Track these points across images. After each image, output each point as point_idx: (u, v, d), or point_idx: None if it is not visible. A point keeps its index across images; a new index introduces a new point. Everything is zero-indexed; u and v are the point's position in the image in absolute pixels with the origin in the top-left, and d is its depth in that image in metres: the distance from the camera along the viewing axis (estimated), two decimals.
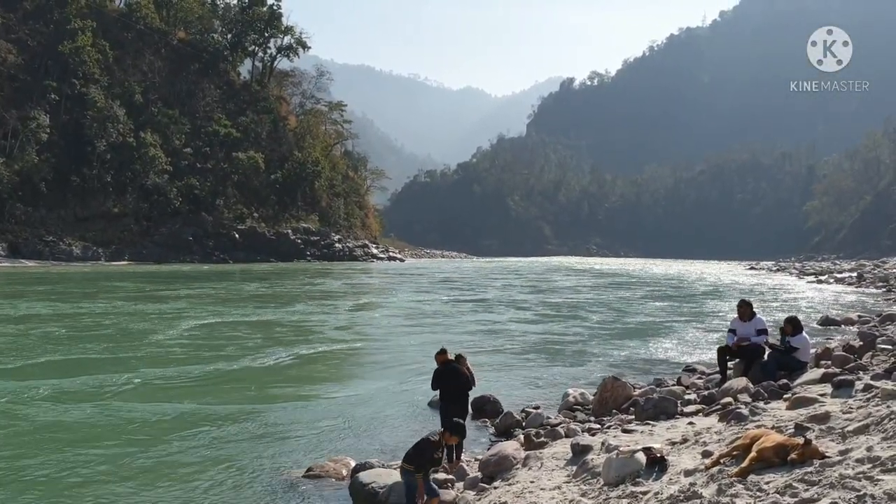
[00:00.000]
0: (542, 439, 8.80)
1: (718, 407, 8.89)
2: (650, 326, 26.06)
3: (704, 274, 76.52)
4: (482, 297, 39.27)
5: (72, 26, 79.80)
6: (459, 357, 9.25)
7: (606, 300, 38.54)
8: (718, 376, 11.69)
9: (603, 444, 7.25)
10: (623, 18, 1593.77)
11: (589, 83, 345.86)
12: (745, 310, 11.86)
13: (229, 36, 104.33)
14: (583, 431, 9.07)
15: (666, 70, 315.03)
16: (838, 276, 63.91)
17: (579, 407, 11.62)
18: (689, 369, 15.52)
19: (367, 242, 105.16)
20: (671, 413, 9.10)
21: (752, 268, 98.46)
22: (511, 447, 8.54)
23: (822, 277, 63.89)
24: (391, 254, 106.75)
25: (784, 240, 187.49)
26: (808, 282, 59.80)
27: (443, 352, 9.10)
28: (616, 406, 10.67)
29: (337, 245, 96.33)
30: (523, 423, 10.79)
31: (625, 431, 8.25)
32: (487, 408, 11.95)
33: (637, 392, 11.31)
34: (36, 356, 16.66)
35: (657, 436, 7.67)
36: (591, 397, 11.71)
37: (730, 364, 11.64)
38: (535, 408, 11.81)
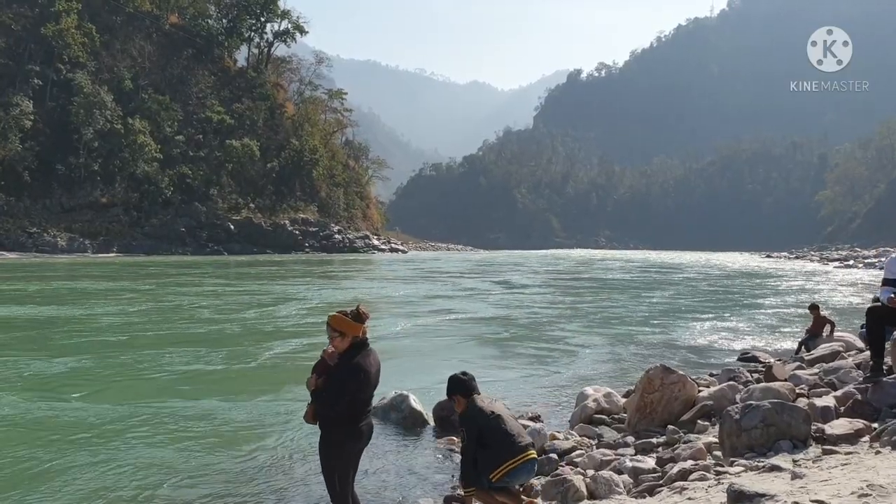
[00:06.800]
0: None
1: None
2: (679, 311, 22.44)
3: (722, 262, 73.11)
4: (473, 287, 35.72)
5: (56, 8, 76.27)
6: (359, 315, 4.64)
7: (622, 284, 34.94)
8: (842, 363, 7.49)
9: None
10: (630, 10, 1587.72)
11: (596, 74, 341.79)
12: None
13: (224, 21, 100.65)
14: (622, 473, 5.05)
15: (674, 60, 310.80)
16: (865, 261, 60.80)
17: (604, 416, 7.87)
18: (748, 357, 11.92)
19: (368, 234, 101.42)
20: (801, 436, 5.00)
21: (768, 256, 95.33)
22: None
23: (849, 263, 60.78)
24: (393, 245, 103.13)
25: (796, 230, 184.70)
26: (836, 267, 56.31)
27: (360, 314, 4.60)
28: (669, 417, 6.79)
29: (336, 236, 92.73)
30: None
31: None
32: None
33: (705, 393, 7.38)
34: None
35: None
36: (622, 401, 8.00)
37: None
38: (532, 419, 8.04)
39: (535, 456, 4.78)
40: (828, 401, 6.10)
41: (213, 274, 41.35)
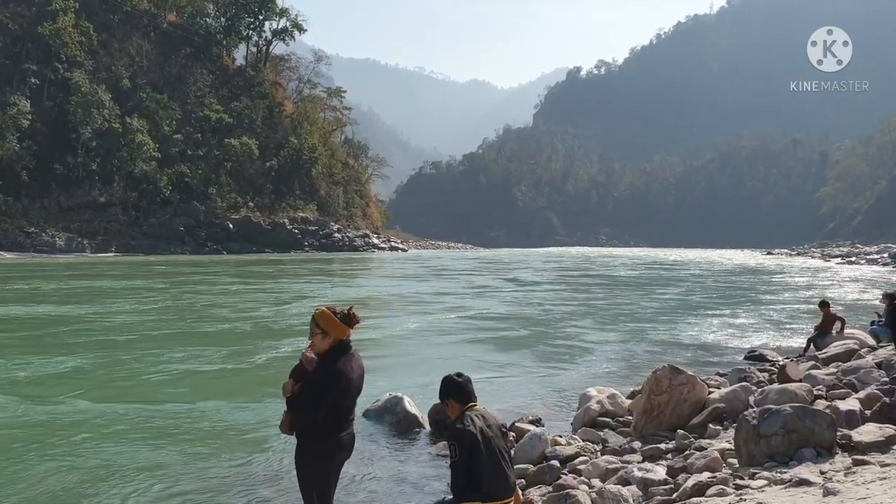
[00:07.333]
0: None
1: None
2: (681, 308, 22.08)
3: (723, 259, 72.74)
4: (483, 284, 35.37)
5: (53, 7, 75.86)
6: (349, 317, 4.22)
7: (625, 281, 34.60)
8: (861, 362, 7.07)
9: None
10: (630, 8, 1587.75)
11: (596, 72, 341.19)
12: None
13: (223, 19, 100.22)
14: (629, 483, 4.63)
15: (673, 58, 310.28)
16: (868, 257, 60.47)
17: (608, 419, 7.50)
18: (755, 356, 11.59)
19: (367, 232, 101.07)
20: (826, 444, 4.57)
21: (769, 253, 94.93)
22: None
23: (852, 259, 60.40)
24: (393, 244, 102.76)
25: (796, 227, 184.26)
26: (838, 263, 55.97)
27: (350, 316, 4.18)
28: (678, 420, 6.42)
29: (336, 235, 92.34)
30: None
31: None
32: None
33: (716, 394, 7.01)
34: None
35: None
36: (627, 402, 7.65)
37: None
38: (533, 422, 7.62)
39: None
40: (852, 404, 5.66)
41: (224, 273, 41.21)
